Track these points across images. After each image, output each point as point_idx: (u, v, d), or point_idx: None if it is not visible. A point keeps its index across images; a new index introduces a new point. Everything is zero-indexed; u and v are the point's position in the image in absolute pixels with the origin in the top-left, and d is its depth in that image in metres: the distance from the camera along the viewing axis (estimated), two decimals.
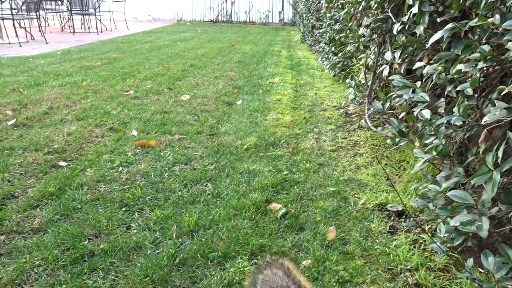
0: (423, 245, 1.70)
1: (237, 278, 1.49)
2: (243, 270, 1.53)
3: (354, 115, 3.48)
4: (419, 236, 1.77)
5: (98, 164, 2.44)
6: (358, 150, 2.78)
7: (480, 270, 1.47)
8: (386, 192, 2.15)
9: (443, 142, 1.62)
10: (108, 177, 2.27)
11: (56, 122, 3.17)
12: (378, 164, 2.49)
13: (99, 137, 2.90)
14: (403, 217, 1.94)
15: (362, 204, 2.04)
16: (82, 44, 8.14)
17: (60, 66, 5.51)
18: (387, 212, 1.98)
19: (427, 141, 1.72)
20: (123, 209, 1.96)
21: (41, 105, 3.60)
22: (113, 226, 1.82)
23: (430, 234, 1.68)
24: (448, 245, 1.63)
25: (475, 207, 1.36)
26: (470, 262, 1.39)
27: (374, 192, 2.15)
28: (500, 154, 1.25)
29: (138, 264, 1.57)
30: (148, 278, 1.49)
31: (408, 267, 1.57)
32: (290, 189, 2.19)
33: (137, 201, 2.03)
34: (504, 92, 1.33)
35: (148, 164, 2.46)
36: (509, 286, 1.24)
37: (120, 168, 2.39)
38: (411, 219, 1.89)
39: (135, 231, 1.79)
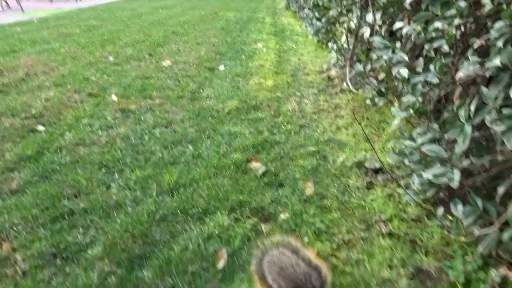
0: (397, 198, 1.75)
1: (216, 232, 1.52)
2: (222, 224, 1.56)
3: (336, 78, 3.48)
4: (394, 190, 1.81)
5: (77, 128, 2.42)
6: (339, 112, 2.79)
7: (451, 218, 1.52)
8: (365, 151, 2.18)
9: (420, 100, 1.64)
10: (87, 141, 2.25)
11: (33, 88, 3.10)
12: (358, 125, 2.51)
13: (78, 102, 2.85)
14: (380, 173, 1.98)
15: (341, 162, 2.08)
16: (60, 12, 7.86)
17: (37, 33, 5.34)
18: (365, 170, 2.01)
19: (405, 99, 1.74)
20: (103, 170, 1.96)
21: (18, 72, 3.50)
22: (93, 186, 1.82)
23: (404, 187, 1.72)
24: (421, 197, 1.68)
25: (448, 160, 1.40)
26: (440, 210, 1.44)
27: (353, 151, 2.19)
28: (472, 108, 1.28)
29: (119, 220, 1.58)
30: (129, 233, 1.51)
31: (383, 218, 1.61)
32: (271, 149, 2.21)
33: (117, 162, 2.03)
34: (477, 46, 1.35)
35: (128, 127, 2.44)
36: (475, 231, 1.30)
37: (100, 132, 2.37)
38: (387, 174, 1.93)
39: (115, 190, 1.80)
